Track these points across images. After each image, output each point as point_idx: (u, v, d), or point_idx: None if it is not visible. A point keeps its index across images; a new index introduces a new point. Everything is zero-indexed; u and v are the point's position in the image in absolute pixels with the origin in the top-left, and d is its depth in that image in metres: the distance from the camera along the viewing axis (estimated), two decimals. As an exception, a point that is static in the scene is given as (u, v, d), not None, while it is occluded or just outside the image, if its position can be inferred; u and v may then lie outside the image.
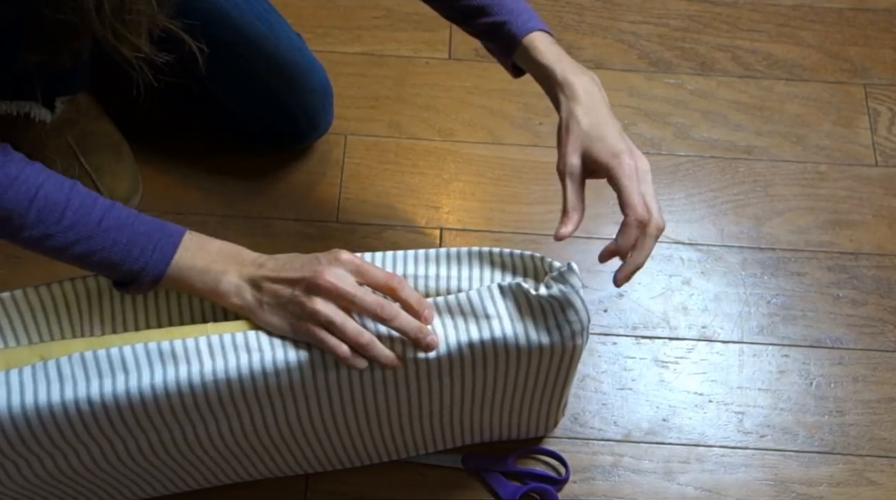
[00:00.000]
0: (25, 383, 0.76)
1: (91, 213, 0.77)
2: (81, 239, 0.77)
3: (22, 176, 0.76)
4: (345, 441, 0.94)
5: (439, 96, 1.29)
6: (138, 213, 0.80)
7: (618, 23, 1.36)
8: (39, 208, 0.76)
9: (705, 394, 1.09)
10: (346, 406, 0.86)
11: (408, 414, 0.91)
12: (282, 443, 0.91)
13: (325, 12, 1.35)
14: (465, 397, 0.90)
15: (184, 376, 0.77)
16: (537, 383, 0.90)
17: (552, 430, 1.05)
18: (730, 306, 1.14)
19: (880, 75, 1.33)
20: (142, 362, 0.77)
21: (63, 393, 0.76)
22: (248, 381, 0.79)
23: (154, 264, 0.79)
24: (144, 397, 0.77)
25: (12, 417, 0.75)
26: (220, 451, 0.89)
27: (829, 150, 1.26)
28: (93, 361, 0.77)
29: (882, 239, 1.19)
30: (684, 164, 1.25)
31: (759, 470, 1.04)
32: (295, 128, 1.13)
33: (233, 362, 0.78)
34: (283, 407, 0.84)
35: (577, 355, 0.86)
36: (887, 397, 1.09)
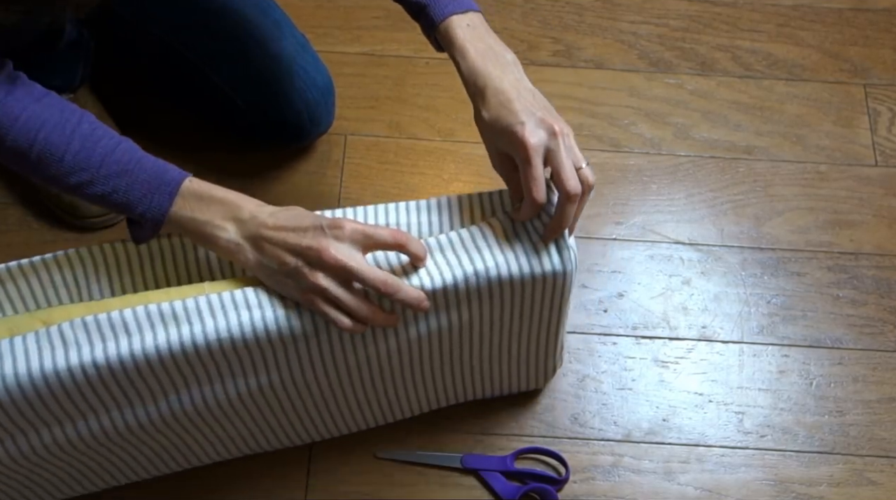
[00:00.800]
0: (30, 350, 0.76)
1: (91, 158, 0.77)
2: (83, 184, 0.78)
3: (24, 116, 0.76)
4: (349, 400, 0.94)
5: (439, 96, 1.29)
6: (142, 155, 0.80)
7: (618, 23, 1.36)
8: (39, 152, 0.76)
9: (705, 394, 1.09)
10: (350, 360, 0.87)
11: (409, 367, 0.91)
12: (288, 403, 0.91)
13: (325, 12, 1.35)
14: (464, 342, 0.91)
15: (186, 336, 0.78)
16: (533, 318, 0.90)
17: (550, 378, 1.06)
18: (730, 306, 1.14)
19: (880, 75, 1.33)
20: (143, 324, 0.78)
21: (68, 358, 0.76)
22: (251, 337, 0.79)
23: (152, 213, 0.79)
24: (149, 357, 0.78)
25: (19, 384, 0.76)
26: (228, 414, 0.89)
27: (829, 150, 1.26)
28: (94, 325, 0.77)
29: (882, 239, 1.19)
30: (684, 164, 1.25)
31: (760, 470, 1.04)
32: (297, 124, 1.13)
33: (234, 319, 0.78)
34: (288, 364, 0.84)
35: (570, 282, 0.86)
36: (887, 397, 1.09)
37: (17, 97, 0.76)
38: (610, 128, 1.27)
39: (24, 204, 1.17)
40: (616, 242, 1.18)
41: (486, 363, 0.96)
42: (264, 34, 1.11)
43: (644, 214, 1.20)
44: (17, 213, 1.17)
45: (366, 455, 1.04)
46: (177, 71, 1.12)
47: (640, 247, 1.18)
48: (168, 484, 1.01)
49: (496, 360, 0.96)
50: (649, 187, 1.22)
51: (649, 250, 1.18)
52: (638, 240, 1.18)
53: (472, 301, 0.84)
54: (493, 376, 1.00)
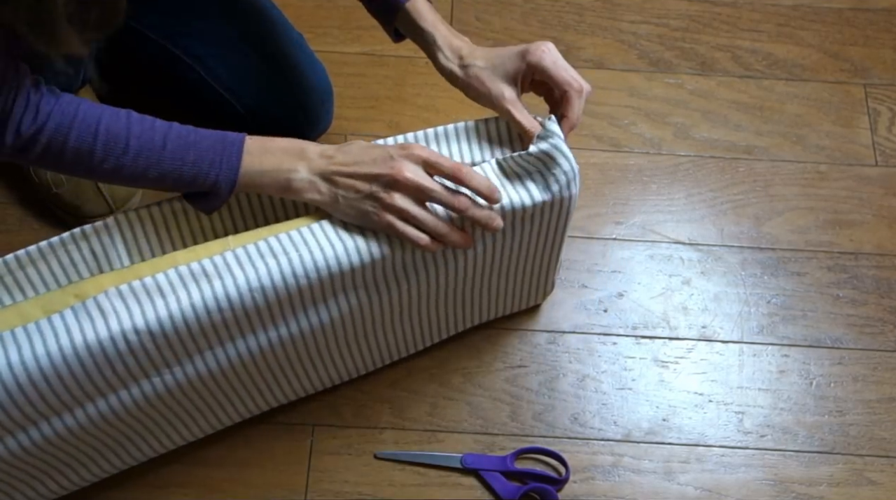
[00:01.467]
0: (70, 324, 0.78)
1: (153, 138, 0.81)
2: (152, 165, 0.81)
3: (80, 114, 0.79)
4: (378, 337, 0.98)
5: (439, 96, 1.29)
6: (195, 128, 0.83)
7: (618, 23, 1.36)
8: (104, 143, 0.79)
9: (705, 394, 1.09)
10: (383, 296, 0.90)
11: (426, 299, 0.96)
12: (315, 347, 0.94)
13: (325, 12, 1.34)
14: (477, 270, 0.95)
15: (220, 291, 0.80)
16: (539, 239, 0.95)
17: (549, 294, 1.10)
18: (730, 305, 1.14)
19: (880, 75, 1.33)
20: (177, 284, 0.80)
21: (109, 327, 0.78)
22: (281, 286, 0.82)
23: (225, 174, 0.82)
24: (186, 317, 0.80)
25: (64, 357, 0.77)
26: (259, 366, 0.92)
27: (829, 150, 1.26)
28: (129, 292, 0.79)
29: (882, 239, 1.19)
30: (684, 164, 1.25)
31: (760, 470, 1.04)
32: (295, 126, 1.13)
33: (263, 269, 0.81)
34: (326, 305, 0.87)
35: (573, 203, 0.91)
36: (887, 397, 1.09)
37: (67, 100, 0.80)
38: (610, 128, 1.27)
39: (24, 204, 1.17)
40: (616, 242, 1.18)
41: (496, 286, 1.01)
42: (261, 36, 1.11)
43: (644, 214, 1.20)
44: (18, 213, 1.17)
45: (366, 455, 1.04)
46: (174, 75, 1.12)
47: (640, 247, 1.18)
48: (167, 481, 1.01)
49: (504, 281, 1.00)
50: (649, 187, 1.22)
51: (649, 249, 1.18)
52: (638, 240, 1.18)
53: (486, 236, 0.89)
54: (500, 297, 1.04)
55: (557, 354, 1.10)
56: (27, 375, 0.77)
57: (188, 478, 1.01)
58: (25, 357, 0.76)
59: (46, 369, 0.77)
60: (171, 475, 1.01)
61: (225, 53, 1.10)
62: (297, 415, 1.04)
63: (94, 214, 1.14)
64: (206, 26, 1.10)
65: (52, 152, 0.80)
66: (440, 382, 1.08)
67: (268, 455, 1.03)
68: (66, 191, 1.13)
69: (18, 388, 0.77)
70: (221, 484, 1.02)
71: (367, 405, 1.06)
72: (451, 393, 1.08)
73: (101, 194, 1.14)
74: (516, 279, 1.02)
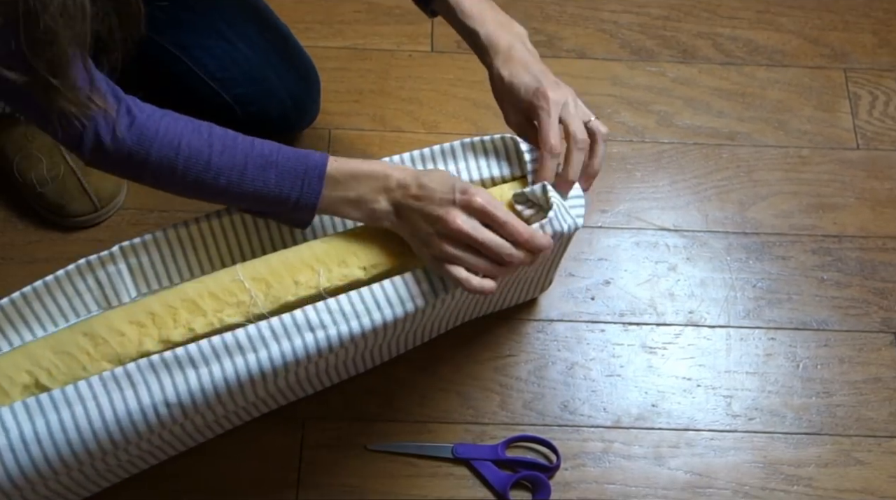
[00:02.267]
0: (99, 395, 0.76)
1: (235, 156, 0.81)
2: (233, 183, 0.81)
3: (162, 129, 0.80)
4: (375, 346, 0.98)
5: (422, 89, 1.29)
6: (278, 146, 0.83)
7: (599, 13, 1.37)
8: (186, 158, 0.80)
9: (693, 379, 1.10)
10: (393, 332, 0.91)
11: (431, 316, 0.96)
12: (324, 366, 0.95)
13: (307, 7, 1.34)
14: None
15: (253, 364, 0.80)
16: (541, 261, 0.94)
17: (546, 290, 1.12)
18: (716, 290, 1.15)
19: (860, 60, 1.33)
20: (209, 357, 0.79)
21: (139, 399, 0.77)
22: (315, 356, 0.82)
23: (306, 197, 0.82)
24: (218, 389, 0.80)
25: (93, 430, 0.76)
26: (263, 394, 0.92)
27: (811, 134, 1.27)
28: (161, 363, 0.78)
29: (865, 221, 1.20)
30: (668, 151, 1.25)
31: (749, 453, 1.05)
32: (282, 114, 1.13)
33: (299, 342, 0.81)
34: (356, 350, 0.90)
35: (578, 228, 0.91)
36: (873, 378, 1.10)
37: (149, 114, 0.80)
38: (593, 117, 1.27)
39: (8, 204, 1.17)
40: (601, 229, 1.19)
41: (497, 290, 1.00)
42: (247, 26, 1.10)
43: (629, 202, 1.21)
44: (1, 213, 1.16)
45: (357, 448, 1.04)
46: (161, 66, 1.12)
47: (625, 234, 1.19)
48: (158, 475, 1.01)
49: (503, 291, 1.01)
50: (633, 175, 1.23)
51: (635, 237, 1.18)
52: (623, 227, 1.19)
53: None
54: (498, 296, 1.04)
55: (546, 342, 1.11)
56: (54, 446, 0.76)
57: (179, 472, 1.01)
58: (53, 429, 0.75)
59: (74, 441, 0.76)
60: (163, 469, 1.01)
61: (211, 44, 1.09)
62: (288, 409, 1.04)
63: (79, 214, 1.14)
64: (192, 17, 1.09)
65: (133, 164, 0.80)
66: (430, 373, 1.08)
67: (259, 449, 1.03)
68: (51, 190, 1.13)
69: (45, 459, 0.76)
70: (212, 479, 1.02)
71: (358, 398, 1.06)
72: (440, 384, 1.08)
73: (86, 193, 1.13)
74: (518, 283, 1.02)
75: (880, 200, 1.22)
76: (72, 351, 0.78)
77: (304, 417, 1.05)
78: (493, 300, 1.06)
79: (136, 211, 1.17)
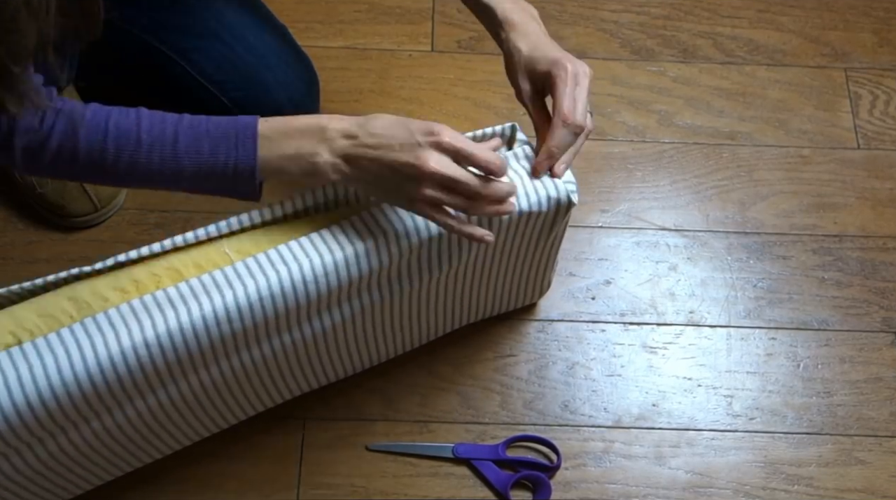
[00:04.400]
0: (81, 339, 0.76)
1: (164, 131, 0.79)
2: (167, 159, 0.79)
3: (89, 113, 0.78)
4: (377, 339, 0.98)
5: (423, 89, 1.29)
6: (207, 116, 0.81)
7: (599, 12, 1.37)
8: (115, 138, 0.78)
9: (694, 378, 1.09)
10: (385, 298, 0.90)
11: (425, 300, 0.96)
12: (325, 350, 0.95)
13: (307, 7, 1.34)
14: (475, 271, 0.95)
15: (230, 302, 0.79)
16: (539, 244, 0.95)
17: (545, 293, 1.10)
18: (716, 290, 1.15)
19: (860, 59, 1.33)
20: (187, 296, 0.79)
21: (120, 341, 0.77)
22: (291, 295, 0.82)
23: (243, 160, 0.79)
24: (197, 329, 0.79)
25: (75, 374, 0.76)
26: (261, 374, 0.92)
27: (812, 134, 1.27)
28: (140, 306, 0.78)
29: (865, 221, 1.20)
30: (668, 151, 1.25)
31: (749, 452, 1.05)
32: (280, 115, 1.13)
33: (274, 277, 0.80)
34: (330, 314, 0.88)
35: (571, 211, 0.92)
36: (874, 377, 1.10)
37: (73, 105, 0.79)
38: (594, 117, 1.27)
39: (8, 204, 1.17)
40: (602, 229, 1.19)
41: (493, 287, 1.01)
42: (245, 28, 1.10)
43: (629, 202, 1.21)
44: (2, 213, 1.16)
45: (358, 447, 1.04)
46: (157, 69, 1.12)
47: (626, 234, 1.19)
48: (159, 477, 1.01)
49: (501, 282, 1.00)
50: (634, 175, 1.23)
51: (635, 236, 1.18)
52: (624, 227, 1.19)
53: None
54: (496, 298, 1.04)
55: (547, 342, 1.11)
56: (38, 393, 0.75)
57: (180, 473, 1.01)
58: (37, 375, 0.75)
59: (57, 387, 0.76)
60: (163, 471, 1.01)
61: (208, 46, 1.09)
62: (288, 409, 1.04)
63: (79, 214, 1.14)
64: (188, 19, 1.09)
65: (64, 156, 0.78)
66: (430, 372, 1.08)
67: (259, 449, 1.03)
68: (51, 191, 1.13)
69: (28, 406, 0.75)
70: (213, 479, 1.02)
71: (358, 398, 1.06)
72: (441, 384, 1.08)
73: (86, 193, 1.13)
74: (513, 280, 1.02)
75: (881, 199, 1.22)
76: (55, 314, 0.78)
77: (304, 417, 1.05)
78: (492, 304, 1.06)
79: (136, 211, 1.17)
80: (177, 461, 1.01)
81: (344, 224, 0.84)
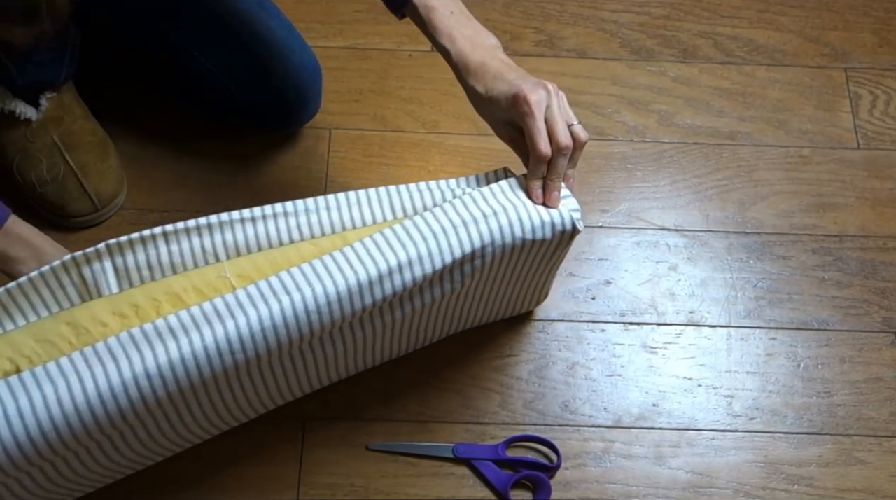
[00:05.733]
0: (81, 369, 0.75)
1: None
2: None
3: None
4: (375, 347, 0.98)
5: (423, 88, 1.29)
6: None
7: (599, 12, 1.37)
8: None
9: (694, 378, 1.09)
10: (386, 319, 0.91)
11: (425, 315, 0.96)
12: (325, 365, 0.95)
13: (307, 6, 1.34)
14: (477, 289, 0.95)
15: (232, 332, 0.78)
16: (541, 264, 0.95)
17: (542, 302, 1.11)
18: (716, 290, 1.15)
19: (861, 59, 1.33)
20: (189, 326, 0.78)
21: (121, 372, 0.76)
22: (294, 324, 0.81)
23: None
24: (199, 360, 0.78)
25: (75, 404, 0.75)
26: (259, 388, 0.92)
27: (812, 134, 1.27)
28: (141, 335, 0.77)
29: (866, 221, 1.20)
30: (668, 151, 1.25)
31: (749, 452, 1.05)
32: (285, 105, 1.13)
33: (276, 306, 0.79)
34: (333, 339, 0.88)
35: (575, 237, 0.92)
36: (874, 378, 1.10)
37: None
38: (594, 116, 1.27)
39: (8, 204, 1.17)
40: (602, 229, 1.19)
41: (492, 300, 1.01)
42: (251, 16, 1.10)
43: (629, 202, 1.21)
44: (2, 214, 1.16)
45: (357, 447, 1.04)
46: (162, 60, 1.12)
47: (626, 234, 1.19)
48: (158, 477, 1.01)
49: (501, 297, 1.01)
50: (634, 175, 1.23)
51: (635, 236, 1.18)
52: (624, 227, 1.19)
53: (486, 258, 0.89)
54: (494, 309, 1.04)
55: (547, 342, 1.11)
56: (38, 424, 0.74)
57: (179, 473, 1.01)
58: (37, 406, 0.74)
59: (57, 418, 0.75)
60: (162, 471, 1.01)
61: (213, 36, 1.09)
62: (288, 409, 1.04)
63: (79, 214, 1.14)
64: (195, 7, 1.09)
65: None
66: (430, 372, 1.08)
67: (259, 449, 1.03)
68: (51, 190, 1.13)
69: (28, 438, 0.74)
70: (213, 479, 1.02)
71: (358, 398, 1.06)
72: (441, 383, 1.08)
73: (86, 193, 1.13)
74: (512, 295, 1.02)
75: (881, 199, 1.22)
76: (53, 340, 0.78)
77: (304, 417, 1.05)
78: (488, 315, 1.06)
79: (136, 211, 1.17)
80: (177, 462, 1.01)
81: (349, 250, 0.83)
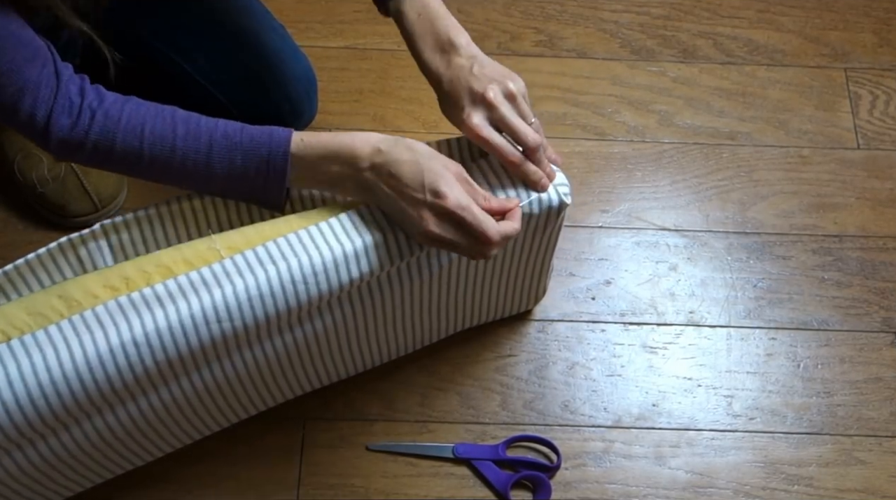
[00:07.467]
0: (69, 337, 0.76)
1: (199, 138, 0.80)
2: (200, 167, 0.81)
3: (125, 116, 0.80)
4: (371, 343, 0.98)
5: (423, 89, 1.27)
6: (241, 125, 0.82)
7: (599, 12, 1.37)
8: (150, 144, 0.80)
9: (694, 378, 1.09)
10: (376, 300, 0.90)
11: (418, 304, 0.96)
12: (318, 353, 0.95)
13: (307, 7, 1.34)
14: (469, 275, 0.95)
15: (219, 300, 0.79)
16: (533, 247, 0.95)
17: (540, 299, 1.10)
18: (716, 290, 1.15)
19: (860, 59, 1.33)
20: (176, 295, 0.79)
21: (108, 339, 0.76)
22: (280, 294, 0.81)
23: (273, 180, 0.82)
24: (186, 328, 0.79)
25: (64, 372, 0.75)
26: (255, 375, 0.92)
27: (812, 134, 1.27)
28: (128, 303, 0.78)
29: (865, 221, 1.20)
30: (668, 151, 1.25)
31: (749, 452, 1.05)
32: (278, 117, 1.13)
33: (262, 276, 0.80)
34: (321, 317, 0.88)
35: (564, 213, 0.92)
36: (873, 378, 1.10)
37: (111, 101, 0.80)
38: (594, 117, 1.27)
39: (8, 204, 1.17)
40: (602, 229, 1.19)
41: (488, 292, 1.00)
42: (243, 28, 1.10)
43: (629, 202, 1.21)
44: (2, 213, 1.16)
45: (357, 447, 1.04)
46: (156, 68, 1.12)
47: (626, 234, 1.19)
48: (158, 477, 1.01)
49: (497, 288, 1.00)
50: (634, 175, 1.23)
51: (635, 236, 1.18)
52: (624, 227, 1.19)
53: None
54: (491, 303, 1.04)
55: (547, 342, 1.11)
56: (26, 391, 0.75)
57: (180, 473, 1.01)
58: (25, 372, 0.74)
59: (45, 385, 0.75)
60: (163, 471, 1.01)
61: (207, 45, 1.09)
62: (288, 409, 1.04)
63: (80, 214, 1.14)
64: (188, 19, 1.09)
65: (99, 155, 0.80)
66: (430, 373, 1.08)
67: (259, 450, 1.03)
68: (52, 190, 1.13)
69: (17, 405, 0.75)
70: (213, 479, 1.02)
71: (358, 398, 1.06)
72: (441, 384, 1.08)
73: (87, 193, 1.13)
74: (508, 285, 1.02)
75: (881, 199, 1.22)
76: (45, 312, 0.78)
77: (304, 417, 1.05)
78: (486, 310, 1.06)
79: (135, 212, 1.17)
80: (176, 461, 1.01)
81: (337, 221, 0.84)
